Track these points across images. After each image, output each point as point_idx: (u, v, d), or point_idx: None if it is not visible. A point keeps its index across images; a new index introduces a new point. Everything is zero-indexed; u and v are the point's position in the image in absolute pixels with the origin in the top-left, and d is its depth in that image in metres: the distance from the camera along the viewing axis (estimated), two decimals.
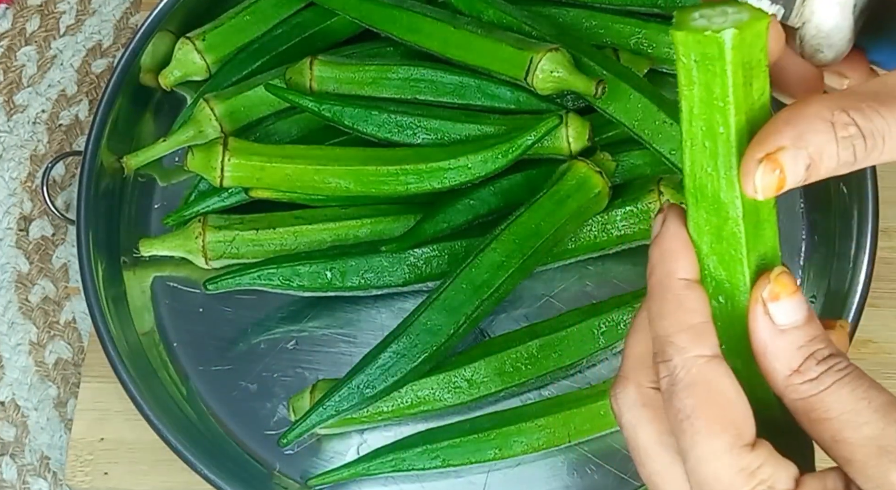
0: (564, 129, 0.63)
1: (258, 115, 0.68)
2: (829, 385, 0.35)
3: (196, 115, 0.68)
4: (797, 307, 0.36)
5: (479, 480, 0.61)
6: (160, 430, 0.59)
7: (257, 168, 0.63)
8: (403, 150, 0.64)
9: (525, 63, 0.63)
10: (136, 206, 0.69)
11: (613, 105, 0.63)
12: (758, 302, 0.36)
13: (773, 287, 0.36)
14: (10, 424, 0.68)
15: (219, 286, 0.62)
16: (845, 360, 0.35)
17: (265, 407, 0.63)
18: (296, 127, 0.68)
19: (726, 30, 0.33)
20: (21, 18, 0.80)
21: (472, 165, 0.62)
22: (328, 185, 0.64)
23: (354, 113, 0.65)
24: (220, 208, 0.66)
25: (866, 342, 0.64)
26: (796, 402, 0.35)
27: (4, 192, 0.75)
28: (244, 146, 0.64)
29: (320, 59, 0.67)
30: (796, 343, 0.35)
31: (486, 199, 0.64)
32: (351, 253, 0.63)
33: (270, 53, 0.70)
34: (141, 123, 0.71)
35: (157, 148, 0.68)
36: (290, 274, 0.63)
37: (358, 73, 0.66)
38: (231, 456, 0.62)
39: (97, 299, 0.63)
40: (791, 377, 0.35)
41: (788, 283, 0.36)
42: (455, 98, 0.66)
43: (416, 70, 0.66)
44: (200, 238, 0.64)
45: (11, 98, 0.78)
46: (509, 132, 0.63)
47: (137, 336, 0.65)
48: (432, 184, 0.63)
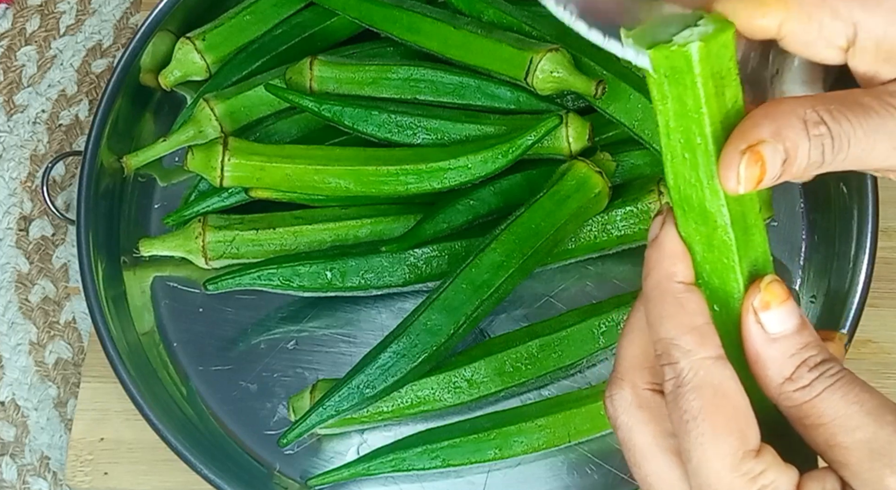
0: (564, 129, 0.63)
1: (258, 115, 0.68)
2: (821, 391, 0.35)
3: (196, 114, 0.68)
4: (788, 315, 0.36)
5: (479, 480, 0.61)
6: (160, 429, 0.59)
7: (257, 168, 0.63)
8: (403, 150, 0.64)
9: (525, 63, 0.63)
10: (136, 206, 0.69)
11: (613, 105, 0.63)
12: (749, 311, 0.36)
13: (763, 296, 0.36)
14: (10, 424, 0.68)
15: (219, 286, 0.62)
16: (837, 365, 0.35)
17: (265, 407, 0.63)
18: (296, 127, 0.68)
19: (692, 43, 0.33)
20: (21, 18, 0.80)
21: (472, 165, 0.62)
22: (328, 185, 0.64)
23: (354, 113, 0.65)
24: (221, 208, 0.66)
25: (866, 342, 0.64)
26: (790, 409, 0.36)
27: (4, 192, 0.75)
28: (244, 146, 0.64)
29: (320, 59, 0.67)
30: (788, 351, 0.36)
31: (487, 199, 0.64)
32: (351, 253, 0.63)
33: (270, 53, 0.70)
34: (141, 123, 0.71)
35: (158, 148, 0.68)
36: (291, 274, 0.63)
37: (358, 73, 0.66)
38: (231, 456, 0.62)
39: (97, 299, 0.62)
40: (783, 385, 0.35)
41: (779, 292, 0.36)
42: (455, 98, 0.66)
43: (417, 70, 0.66)
44: (200, 238, 0.64)
45: (11, 98, 0.78)
46: (509, 132, 0.63)
47: (137, 336, 0.65)
48: (432, 184, 0.63)
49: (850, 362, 0.61)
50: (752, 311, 0.36)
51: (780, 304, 0.36)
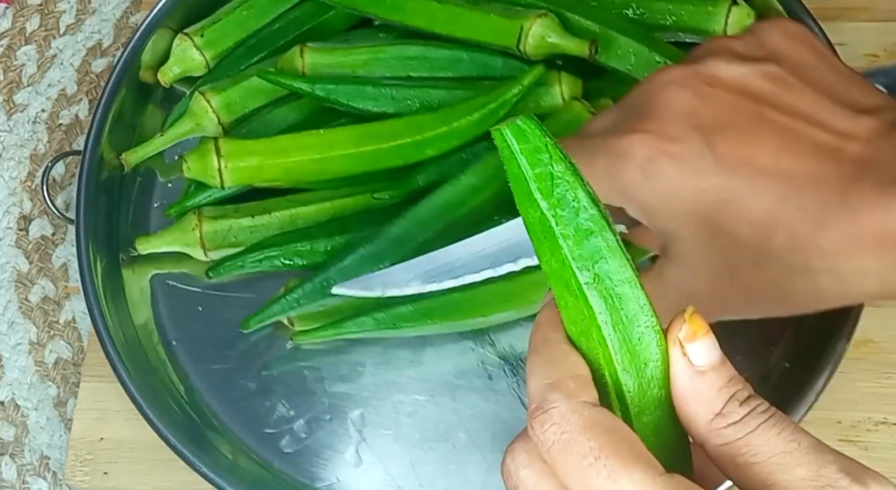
0: (558, 86, 0.64)
1: (255, 105, 0.68)
2: (756, 427, 0.33)
3: (192, 107, 0.68)
4: (712, 346, 0.34)
5: (478, 480, 0.61)
6: (159, 428, 0.59)
7: (255, 167, 0.63)
8: (396, 122, 0.64)
9: (516, 31, 0.63)
10: (135, 204, 0.69)
11: (606, 54, 0.64)
12: (675, 343, 0.34)
13: (689, 327, 0.34)
14: (9, 424, 0.68)
15: (221, 273, 0.63)
16: (766, 403, 0.34)
17: (264, 405, 0.63)
18: (292, 114, 0.68)
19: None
20: (21, 18, 0.80)
21: (466, 128, 0.63)
22: (328, 170, 0.64)
23: (348, 90, 0.65)
24: (223, 197, 0.66)
25: (866, 342, 0.64)
26: (720, 448, 0.34)
27: (4, 191, 0.75)
28: (236, 148, 0.64)
29: (310, 47, 0.67)
30: (716, 384, 0.34)
31: (478, 152, 0.65)
32: (350, 228, 0.64)
33: (268, 48, 0.70)
34: (141, 120, 0.71)
35: (156, 142, 0.68)
36: (292, 254, 0.63)
37: (349, 56, 0.67)
38: (230, 454, 0.62)
39: (96, 297, 0.62)
40: (714, 421, 0.34)
41: (702, 322, 0.35)
42: (448, 72, 0.66)
43: (408, 48, 0.66)
44: (197, 230, 0.64)
45: (11, 98, 0.78)
46: (496, 88, 0.63)
47: (136, 333, 0.65)
48: (429, 152, 0.63)
49: (850, 362, 0.62)
50: (679, 343, 0.34)
51: (704, 335, 0.34)
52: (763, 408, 0.34)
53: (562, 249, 0.34)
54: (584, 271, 0.34)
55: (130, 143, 0.69)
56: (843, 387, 0.62)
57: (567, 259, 0.35)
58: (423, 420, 0.62)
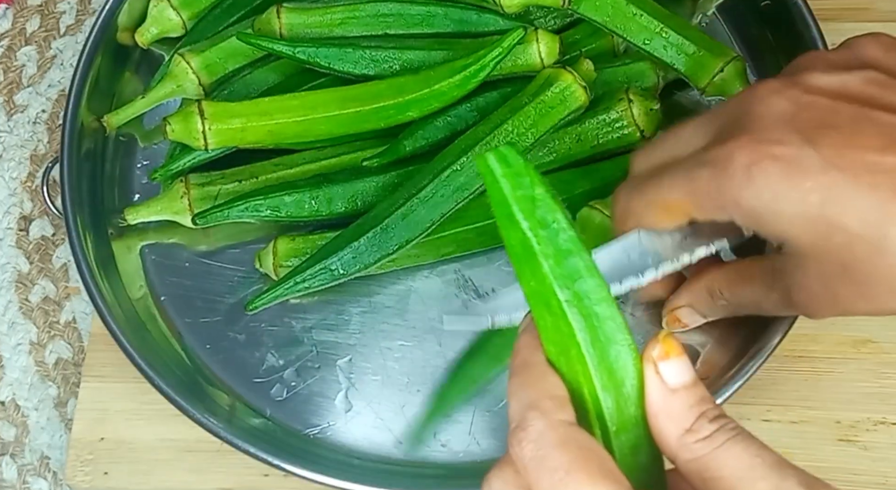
0: (535, 44, 0.65)
1: (235, 66, 0.69)
2: (722, 443, 0.35)
3: (173, 69, 0.68)
4: (685, 367, 0.36)
5: (465, 419, 0.62)
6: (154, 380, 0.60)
7: (238, 129, 0.64)
8: (377, 84, 0.65)
9: None
10: (119, 169, 0.70)
11: (583, 5, 0.65)
12: (649, 361, 0.36)
13: (662, 347, 0.36)
14: (10, 424, 0.68)
15: (207, 220, 0.63)
16: (734, 421, 0.36)
17: (254, 356, 0.64)
18: (273, 74, 0.68)
19: None
20: (21, 18, 0.80)
21: (448, 90, 0.64)
22: (311, 132, 0.65)
23: (329, 53, 0.66)
24: (207, 160, 0.66)
25: (866, 342, 0.64)
26: (689, 463, 0.36)
27: (4, 192, 0.75)
28: (220, 109, 0.64)
29: (287, 7, 0.67)
30: (687, 402, 0.36)
31: (464, 115, 0.66)
32: (335, 180, 0.64)
33: (246, 7, 0.70)
34: (119, 88, 0.71)
35: (137, 105, 0.68)
36: (277, 203, 0.64)
37: (326, 15, 0.68)
38: (223, 403, 0.63)
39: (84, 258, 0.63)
40: (684, 437, 0.36)
41: (675, 344, 0.36)
42: (424, 28, 0.67)
43: (383, 5, 0.67)
44: (186, 197, 0.65)
45: (11, 98, 0.78)
46: (477, 51, 0.64)
47: (128, 297, 0.65)
48: (411, 114, 0.64)
49: (850, 362, 0.62)
50: (652, 362, 0.36)
51: (677, 355, 0.36)
52: (731, 425, 0.36)
53: (542, 268, 0.36)
54: (564, 289, 0.36)
55: (111, 104, 0.70)
56: (842, 387, 0.62)
57: (548, 278, 0.36)
58: (411, 364, 0.63)
